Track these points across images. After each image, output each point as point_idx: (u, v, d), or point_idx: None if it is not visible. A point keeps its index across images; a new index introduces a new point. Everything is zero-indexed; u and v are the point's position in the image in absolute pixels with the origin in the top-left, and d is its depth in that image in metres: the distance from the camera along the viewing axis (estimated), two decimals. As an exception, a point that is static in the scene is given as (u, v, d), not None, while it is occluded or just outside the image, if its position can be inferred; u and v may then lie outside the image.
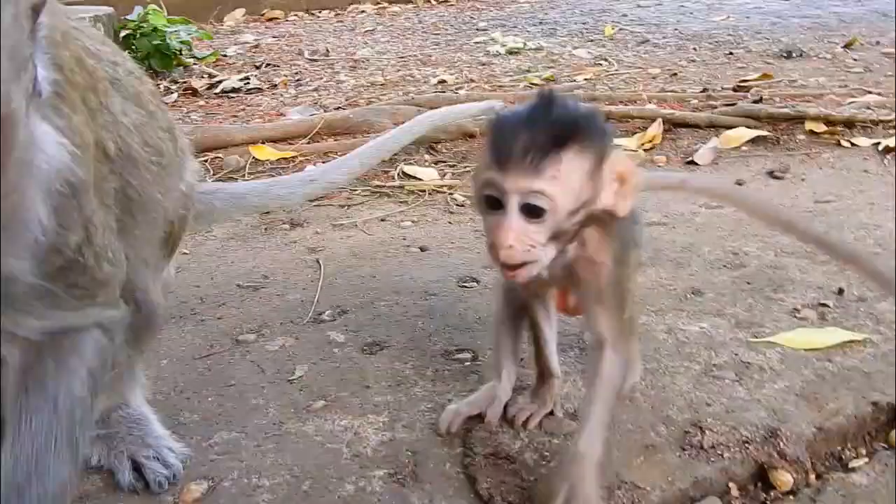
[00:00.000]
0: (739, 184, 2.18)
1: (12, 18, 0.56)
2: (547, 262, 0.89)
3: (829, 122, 2.57)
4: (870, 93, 2.96)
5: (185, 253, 1.95)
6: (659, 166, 2.41)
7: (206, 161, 2.65)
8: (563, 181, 0.84)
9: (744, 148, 2.49)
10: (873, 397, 1.15)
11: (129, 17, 4.12)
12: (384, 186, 2.37)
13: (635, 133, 2.65)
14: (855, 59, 3.62)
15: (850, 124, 2.57)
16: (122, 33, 4.07)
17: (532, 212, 0.85)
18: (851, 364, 1.24)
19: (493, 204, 0.87)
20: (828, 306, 1.44)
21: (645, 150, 2.54)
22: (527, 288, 1.07)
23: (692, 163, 2.40)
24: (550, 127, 0.85)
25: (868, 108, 2.73)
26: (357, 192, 2.37)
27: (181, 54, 4.21)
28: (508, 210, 0.85)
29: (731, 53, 3.89)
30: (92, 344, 0.84)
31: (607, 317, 0.97)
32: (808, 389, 1.18)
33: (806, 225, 1.30)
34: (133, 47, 4.06)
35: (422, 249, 1.89)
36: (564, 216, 0.86)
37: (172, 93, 3.74)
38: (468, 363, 1.34)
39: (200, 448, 1.13)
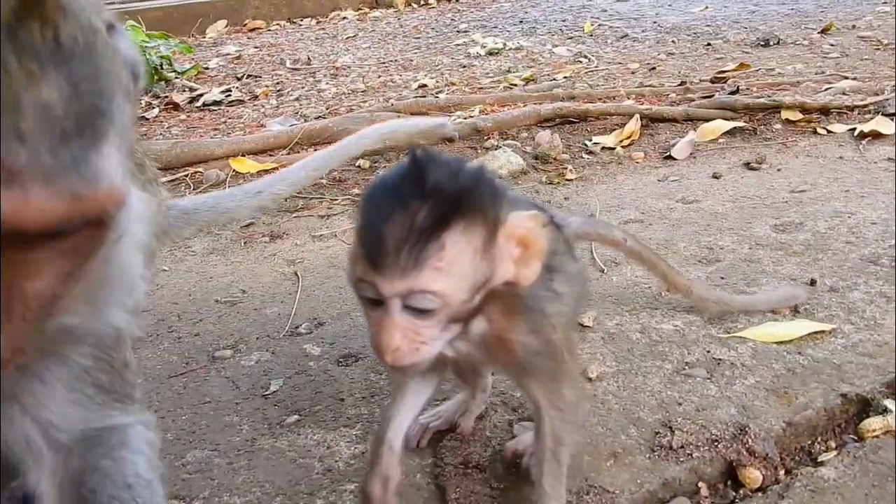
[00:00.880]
0: (716, 177, 2.19)
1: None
2: (439, 350, 0.77)
3: (804, 109, 2.58)
4: (846, 78, 2.96)
5: (164, 270, 1.96)
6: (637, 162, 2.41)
7: (186, 176, 2.66)
8: (449, 271, 0.71)
9: (721, 140, 2.50)
10: (843, 389, 1.15)
11: (107, 34, 4.12)
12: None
13: (613, 130, 2.66)
14: (832, 45, 3.62)
15: (825, 111, 2.58)
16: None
17: (419, 311, 0.72)
18: (822, 356, 1.25)
19: (371, 301, 0.75)
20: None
21: (623, 146, 2.54)
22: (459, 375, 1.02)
23: (670, 157, 2.40)
24: (426, 207, 0.70)
25: (844, 93, 2.74)
26: (337, 202, 2.37)
27: (162, 69, 4.21)
28: (390, 311, 0.72)
29: (709, 44, 3.90)
30: (142, 437, 0.84)
31: (538, 386, 0.88)
32: (779, 384, 1.19)
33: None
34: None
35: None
36: (458, 305, 0.74)
37: (154, 108, 3.74)
38: (442, 371, 1.34)
39: (173, 468, 1.13)
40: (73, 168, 0.50)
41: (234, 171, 2.66)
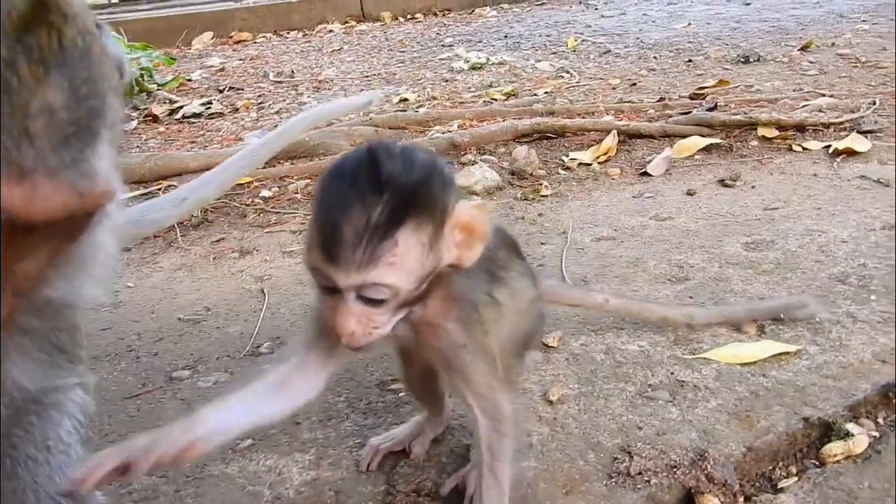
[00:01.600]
0: (690, 194, 2.18)
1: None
2: (390, 330, 0.81)
3: (780, 127, 2.58)
4: (823, 95, 2.97)
5: (129, 286, 1.92)
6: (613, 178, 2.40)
7: (159, 189, 2.62)
8: (401, 266, 0.75)
9: (697, 156, 2.49)
10: (805, 412, 1.13)
11: (87, 45, 4.09)
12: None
13: (591, 146, 2.65)
14: (811, 62, 3.64)
15: (801, 128, 2.58)
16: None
17: (372, 300, 0.76)
18: (786, 378, 1.23)
19: (327, 289, 0.78)
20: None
21: (600, 162, 2.53)
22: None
23: (646, 174, 2.39)
24: (381, 203, 0.73)
25: (820, 110, 2.75)
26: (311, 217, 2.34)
27: (143, 80, 4.18)
28: (345, 300, 0.76)
29: (690, 61, 3.92)
30: (77, 401, 0.86)
31: (470, 392, 0.87)
32: (741, 407, 1.17)
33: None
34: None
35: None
36: (408, 294, 0.77)
37: (133, 120, 3.71)
38: (402, 394, 1.31)
39: (118, 496, 1.10)
40: (74, 167, 0.56)
41: (208, 185, 2.64)
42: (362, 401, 1.31)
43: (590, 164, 2.51)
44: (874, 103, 2.77)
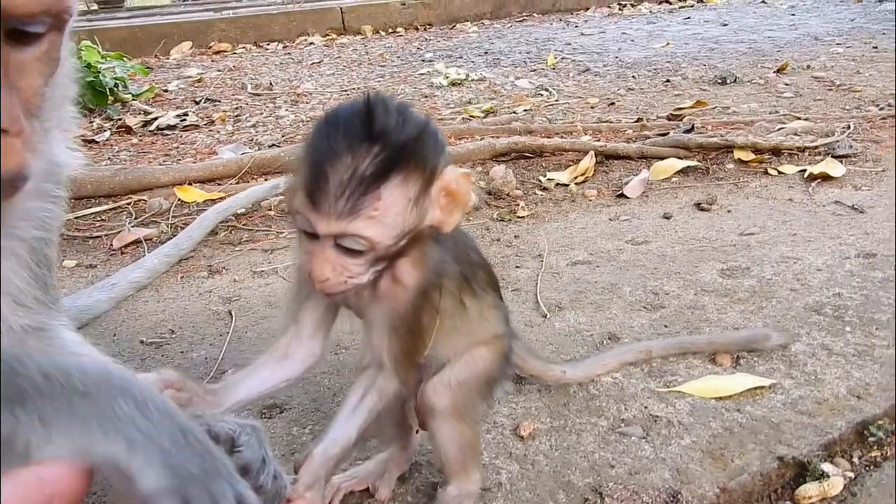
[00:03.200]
0: (667, 218, 2.17)
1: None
2: (365, 281, 0.81)
3: (756, 150, 2.59)
4: (798, 118, 3.00)
5: (91, 307, 1.86)
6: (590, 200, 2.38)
7: (129, 204, 2.56)
8: (381, 220, 0.75)
9: (674, 179, 2.49)
10: (780, 451, 1.11)
11: (60, 54, 4.01)
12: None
13: (569, 166, 2.64)
14: (786, 84, 3.68)
15: (777, 152, 2.59)
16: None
17: (349, 250, 0.77)
18: (760, 414, 1.20)
19: (306, 233, 0.79)
20: (743, 350, 1.41)
21: (577, 183, 2.52)
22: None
23: (623, 195, 2.38)
24: (369, 156, 0.74)
25: (796, 134, 2.76)
26: (283, 235, 2.29)
27: (117, 90, 4.11)
28: (323, 246, 0.77)
29: (668, 81, 3.94)
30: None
31: (391, 346, 0.87)
32: (715, 444, 1.14)
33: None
34: (64, 85, 3.95)
35: (340, 297, 1.82)
36: (386, 247, 0.78)
37: (105, 131, 3.64)
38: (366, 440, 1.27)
39: None
40: None
41: (179, 199, 2.58)
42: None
43: (567, 185, 2.50)
44: (848, 127, 2.79)
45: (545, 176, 2.57)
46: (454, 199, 0.81)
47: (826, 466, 1.08)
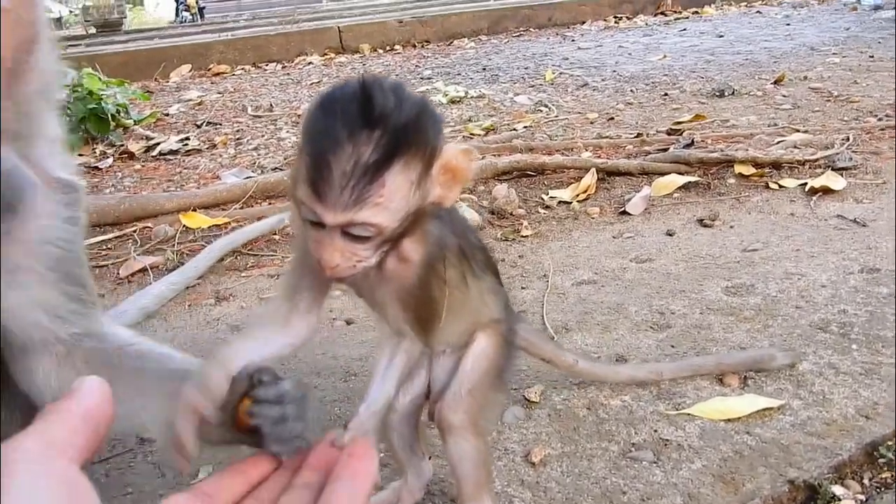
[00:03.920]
0: (670, 234, 2.18)
1: None
2: (374, 262, 0.82)
3: (757, 164, 2.60)
4: (797, 131, 3.02)
5: (100, 338, 1.87)
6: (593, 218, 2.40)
7: (134, 231, 2.58)
8: (387, 205, 0.75)
9: (676, 194, 2.50)
10: (790, 474, 1.12)
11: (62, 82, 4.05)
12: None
13: (570, 183, 2.66)
14: (784, 96, 3.70)
15: (777, 165, 2.61)
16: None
17: (357, 237, 0.77)
18: (770, 436, 1.21)
19: (312, 223, 0.79)
20: (749, 370, 1.41)
21: (579, 201, 2.53)
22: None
23: (625, 213, 2.39)
24: (371, 142, 0.74)
25: (795, 147, 2.78)
26: (289, 260, 2.31)
27: (119, 115, 4.14)
28: (331, 235, 0.77)
29: (666, 94, 3.97)
30: None
31: (408, 318, 0.88)
32: (726, 468, 1.14)
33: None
34: (68, 112, 3.98)
35: (347, 323, 1.83)
36: (392, 230, 0.79)
37: (108, 157, 3.67)
38: (382, 454, 1.28)
39: None
40: None
41: (184, 226, 2.60)
42: None
43: (570, 203, 2.52)
44: (847, 139, 2.81)
45: (547, 194, 2.59)
46: (454, 176, 0.81)
47: (836, 489, 1.08)
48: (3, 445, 0.39)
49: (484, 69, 5.25)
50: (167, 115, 4.63)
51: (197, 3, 16.78)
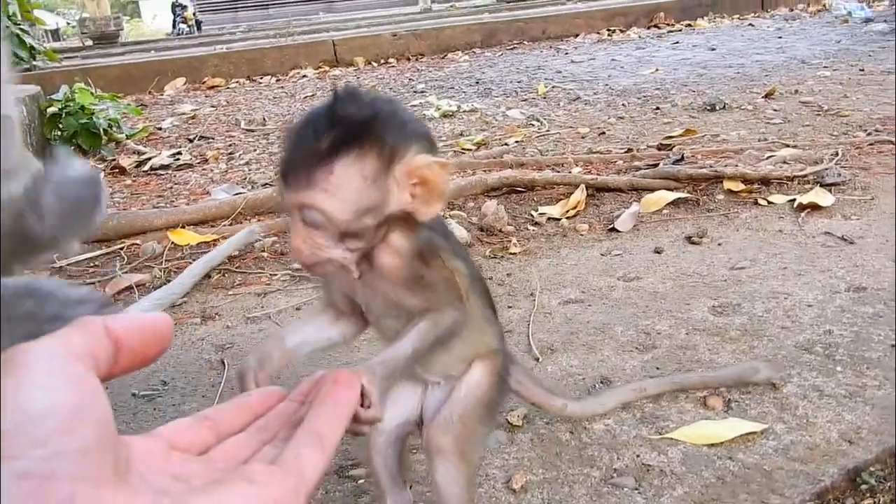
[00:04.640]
0: (658, 252, 2.17)
1: None
2: (346, 258, 0.84)
3: (746, 180, 2.60)
4: (787, 146, 3.02)
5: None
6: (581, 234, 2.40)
7: (122, 248, 2.57)
8: (335, 193, 0.79)
9: (665, 211, 2.50)
10: (772, 501, 1.11)
11: (54, 96, 4.06)
12: (303, 270, 2.31)
13: (560, 200, 2.65)
14: (775, 110, 3.72)
15: (766, 181, 2.61)
16: (49, 112, 4.00)
17: (311, 222, 0.81)
18: (752, 461, 1.20)
19: (286, 211, 0.85)
20: (733, 392, 1.41)
21: (568, 217, 2.53)
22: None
23: (614, 229, 2.39)
24: (327, 134, 0.80)
25: (785, 162, 2.79)
26: (277, 278, 2.30)
27: (111, 130, 4.14)
28: (294, 219, 0.82)
29: (657, 108, 3.98)
30: None
31: (424, 303, 0.89)
32: (707, 495, 1.13)
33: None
34: (60, 126, 3.98)
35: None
36: (345, 223, 0.81)
37: (99, 172, 3.66)
38: (362, 481, 1.27)
39: None
40: None
41: (172, 243, 2.59)
42: (318, 488, 1.25)
43: (559, 219, 2.51)
44: (836, 154, 2.82)
45: (537, 210, 2.58)
46: (428, 188, 0.82)
47: (819, 517, 1.07)
48: (21, 345, 0.40)
49: (477, 82, 5.27)
50: (160, 129, 4.63)
51: (194, 15, 16.86)
